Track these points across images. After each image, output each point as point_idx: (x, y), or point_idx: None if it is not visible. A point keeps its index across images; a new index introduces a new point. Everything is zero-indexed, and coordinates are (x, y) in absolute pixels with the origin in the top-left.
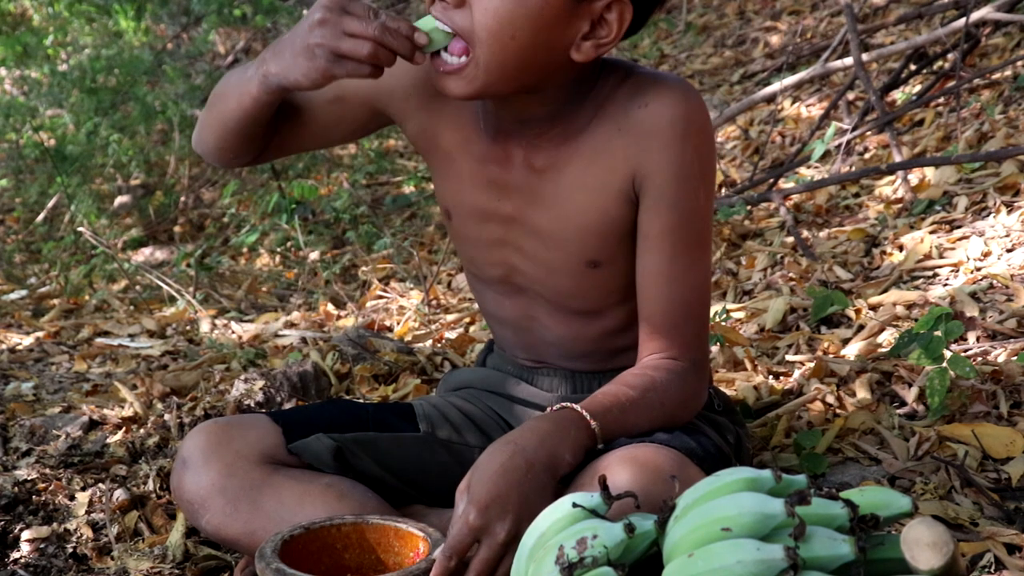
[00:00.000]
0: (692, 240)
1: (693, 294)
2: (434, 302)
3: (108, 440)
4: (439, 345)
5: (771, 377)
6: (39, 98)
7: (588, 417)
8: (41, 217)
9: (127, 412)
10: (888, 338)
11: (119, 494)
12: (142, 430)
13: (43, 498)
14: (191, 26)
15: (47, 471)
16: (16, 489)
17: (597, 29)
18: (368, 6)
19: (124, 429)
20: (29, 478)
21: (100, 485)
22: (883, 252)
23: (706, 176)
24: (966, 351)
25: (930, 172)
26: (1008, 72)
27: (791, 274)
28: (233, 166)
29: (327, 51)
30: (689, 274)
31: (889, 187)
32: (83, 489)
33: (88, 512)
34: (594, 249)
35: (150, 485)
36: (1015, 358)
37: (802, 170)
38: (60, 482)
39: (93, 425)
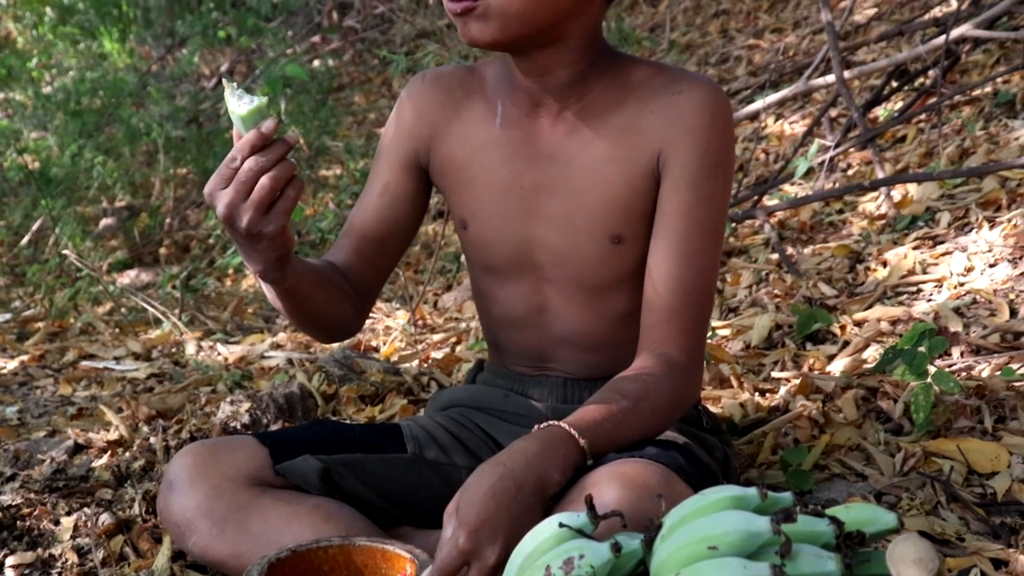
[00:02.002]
0: (706, 225)
1: (699, 278)
2: (420, 322)
3: (93, 464)
4: (425, 365)
5: (757, 394)
6: (23, 121)
7: (577, 435)
8: (26, 240)
9: (112, 435)
10: (873, 354)
11: (104, 518)
12: (127, 453)
13: (28, 523)
14: (175, 48)
15: (32, 496)
16: (0, 514)
17: None
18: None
19: (109, 453)
20: (13, 503)
21: (85, 509)
22: (867, 268)
23: (726, 167)
24: (950, 366)
25: (913, 188)
26: (988, 88)
27: (776, 291)
28: (349, 331)
29: (245, 231)
30: (698, 258)
31: (872, 203)
32: (68, 514)
33: (73, 537)
34: (619, 223)
35: (136, 509)
36: (999, 373)
37: (786, 187)
38: (45, 507)
39: (78, 449)
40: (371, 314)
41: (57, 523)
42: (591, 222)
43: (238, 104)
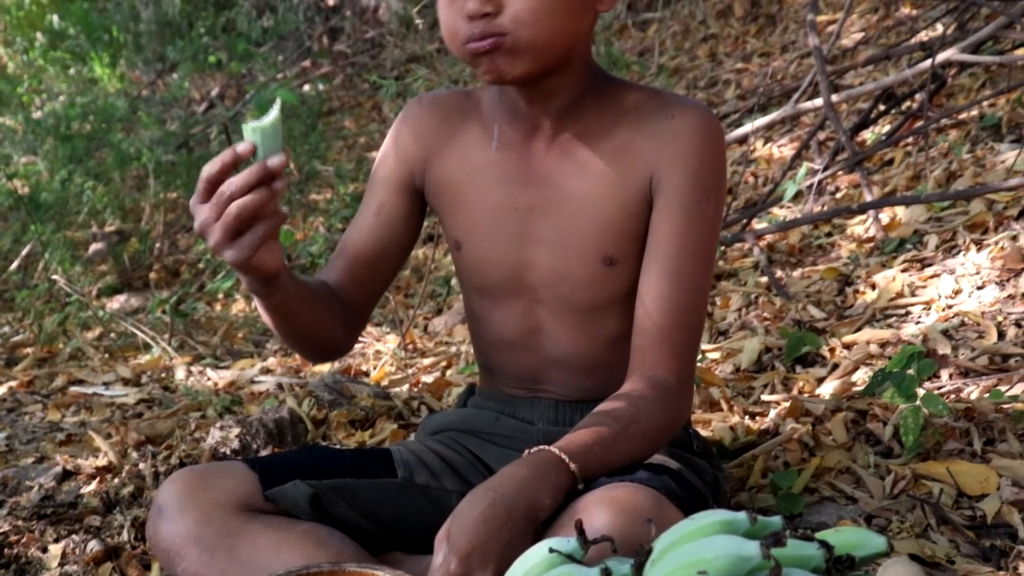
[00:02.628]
0: (698, 248)
1: (691, 302)
2: (410, 346)
3: (82, 490)
4: (416, 390)
5: (747, 417)
6: (13, 146)
7: (567, 460)
8: (15, 265)
9: (101, 461)
10: (862, 377)
11: (93, 545)
12: (116, 479)
13: (15, 551)
14: (166, 73)
15: (19, 523)
16: None
17: None
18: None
19: (98, 479)
20: (1, 530)
21: (74, 536)
22: (856, 291)
23: (718, 191)
24: (939, 389)
25: (901, 211)
26: (974, 112)
27: (765, 314)
28: (339, 351)
29: (223, 238)
30: (689, 281)
31: (861, 226)
32: (56, 541)
33: (61, 564)
34: (611, 245)
35: (125, 535)
36: (987, 395)
37: (775, 210)
38: (33, 534)
39: (67, 475)
40: (361, 338)
41: (45, 550)
42: (584, 244)
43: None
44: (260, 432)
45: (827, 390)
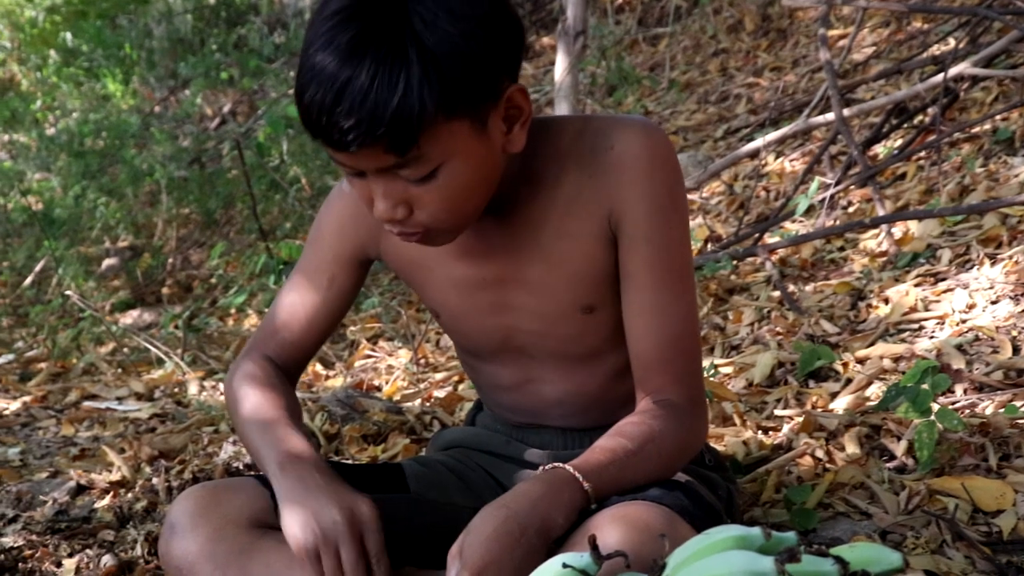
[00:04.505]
0: (672, 273)
1: (680, 327)
2: (422, 361)
3: (95, 505)
4: (428, 404)
5: (760, 432)
6: (27, 162)
7: (581, 478)
8: (29, 281)
9: (115, 476)
10: (876, 391)
11: (106, 560)
12: (130, 494)
13: (30, 565)
14: (178, 89)
15: (34, 537)
16: (3, 556)
17: (512, 119)
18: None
19: (112, 494)
20: (15, 545)
21: (87, 551)
22: (869, 305)
23: (678, 207)
24: (953, 404)
25: (914, 225)
26: (987, 126)
27: (778, 328)
28: None
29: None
30: (673, 307)
31: (873, 240)
32: (70, 555)
33: None
34: (586, 295)
35: (138, 550)
36: (1003, 410)
37: (787, 224)
38: (47, 548)
39: (80, 490)
40: (373, 353)
41: (59, 565)
42: (560, 300)
43: None
44: None
45: (840, 405)
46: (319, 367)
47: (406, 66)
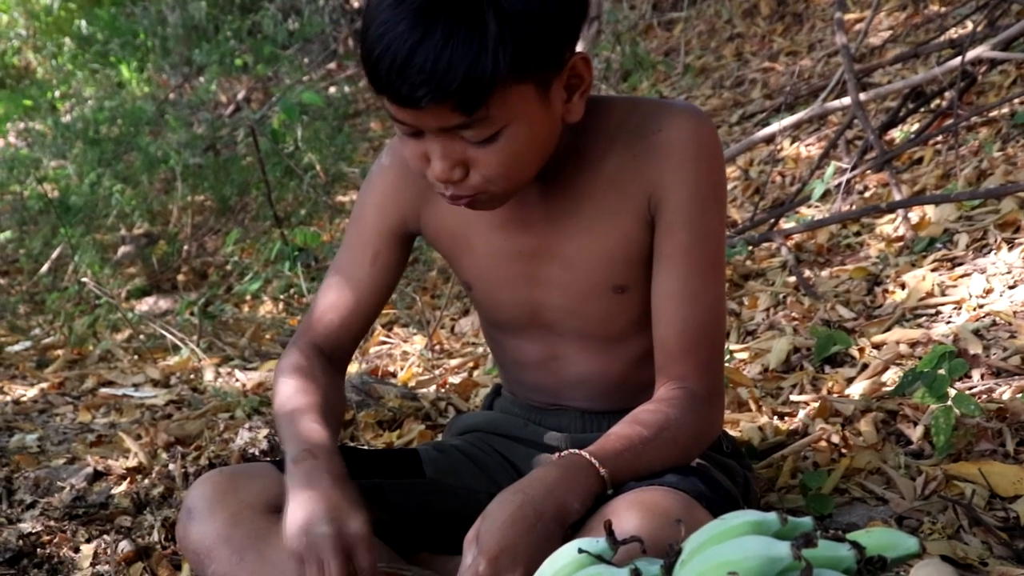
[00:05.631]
0: (706, 261)
1: (707, 315)
2: (437, 347)
3: (113, 491)
4: (443, 390)
5: (776, 418)
6: (43, 150)
7: (597, 464)
8: (45, 268)
9: (131, 462)
10: (892, 377)
11: (124, 546)
12: (147, 480)
13: (48, 551)
14: (193, 76)
15: (51, 523)
16: (21, 542)
17: (573, 88)
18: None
19: (129, 479)
20: (34, 531)
21: (105, 537)
22: (885, 290)
23: (718, 197)
24: (970, 389)
25: (930, 210)
26: (1005, 109)
27: (794, 314)
28: None
29: None
30: (703, 295)
31: (890, 225)
32: (88, 541)
33: (93, 564)
34: (620, 274)
35: (155, 536)
36: (1020, 395)
37: (803, 210)
38: (65, 534)
39: (97, 476)
40: (389, 339)
41: (77, 550)
42: (592, 277)
43: None
44: None
45: (856, 390)
46: None
47: (482, 26)
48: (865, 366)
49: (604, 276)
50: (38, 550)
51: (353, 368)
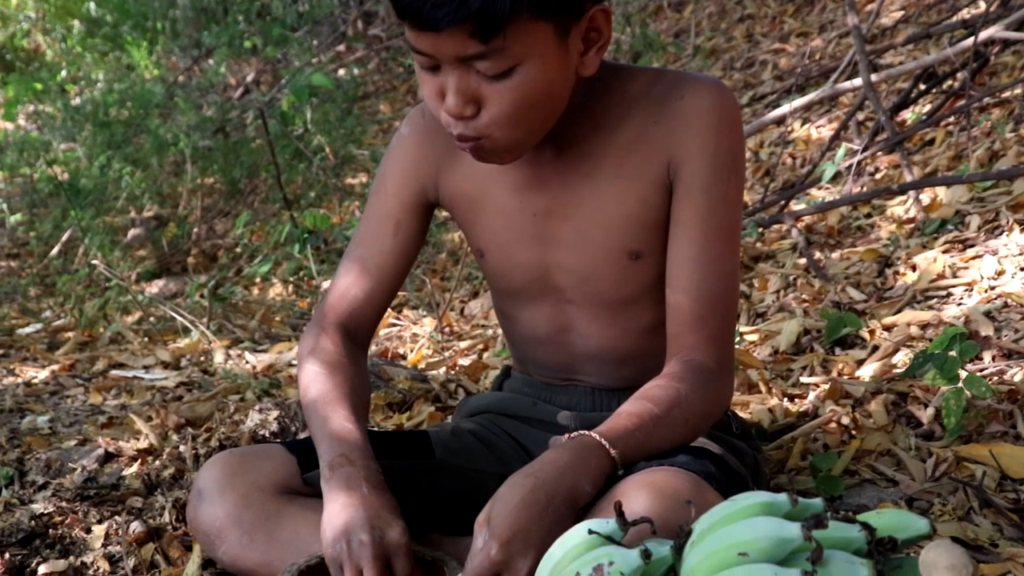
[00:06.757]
0: (722, 229)
1: (721, 284)
2: (447, 329)
3: (124, 472)
4: (453, 372)
5: (786, 399)
6: (52, 132)
7: (607, 445)
8: (55, 251)
9: (142, 444)
10: (903, 359)
11: (135, 526)
12: (157, 462)
13: (60, 531)
14: (202, 58)
15: (63, 504)
16: (33, 523)
17: (591, 41)
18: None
19: (140, 461)
20: (45, 511)
21: (116, 518)
22: (896, 272)
23: (737, 168)
24: (981, 371)
25: (942, 191)
26: (1018, 90)
27: (804, 296)
28: None
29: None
30: (718, 263)
31: (901, 207)
32: (99, 522)
33: (104, 545)
34: (635, 239)
35: (166, 517)
36: None
37: (813, 191)
38: (76, 515)
39: (109, 457)
40: (398, 321)
41: (88, 531)
42: (607, 241)
43: None
44: (299, 415)
45: (867, 372)
46: None
47: None
48: (876, 348)
49: (619, 240)
50: (50, 531)
51: None
